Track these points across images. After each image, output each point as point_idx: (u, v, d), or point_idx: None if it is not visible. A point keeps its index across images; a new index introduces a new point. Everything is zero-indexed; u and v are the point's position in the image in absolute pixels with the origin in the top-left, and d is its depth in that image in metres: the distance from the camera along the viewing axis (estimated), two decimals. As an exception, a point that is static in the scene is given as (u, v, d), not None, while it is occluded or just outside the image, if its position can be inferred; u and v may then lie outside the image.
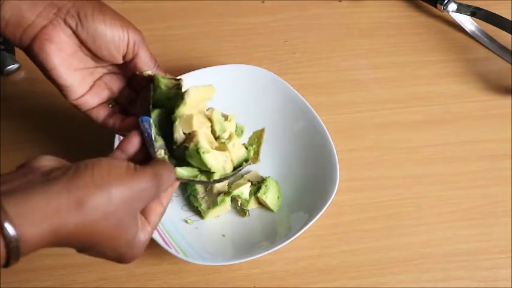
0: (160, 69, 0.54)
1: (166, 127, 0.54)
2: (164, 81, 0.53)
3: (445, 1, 0.80)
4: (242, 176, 0.66)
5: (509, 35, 0.76)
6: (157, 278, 0.61)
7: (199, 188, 0.65)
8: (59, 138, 0.71)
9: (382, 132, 0.72)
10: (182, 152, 0.53)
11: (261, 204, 0.65)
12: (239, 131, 0.68)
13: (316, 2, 0.84)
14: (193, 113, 0.53)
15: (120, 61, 0.52)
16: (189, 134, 0.53)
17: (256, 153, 0.59)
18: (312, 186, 0.64)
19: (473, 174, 0.69)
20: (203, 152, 0.52)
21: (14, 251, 0.37)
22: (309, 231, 0.60)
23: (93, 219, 0.40)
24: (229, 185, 0.65)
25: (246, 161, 0.57)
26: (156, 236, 0.58)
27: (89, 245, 0.42)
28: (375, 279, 0.61)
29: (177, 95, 0.53)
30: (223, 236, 0.63)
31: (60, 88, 0.52)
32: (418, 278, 0.62)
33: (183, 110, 0.53)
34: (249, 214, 0.64)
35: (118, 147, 0.49)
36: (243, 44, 0.80)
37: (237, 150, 0.56)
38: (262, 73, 0.70)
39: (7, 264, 0.38)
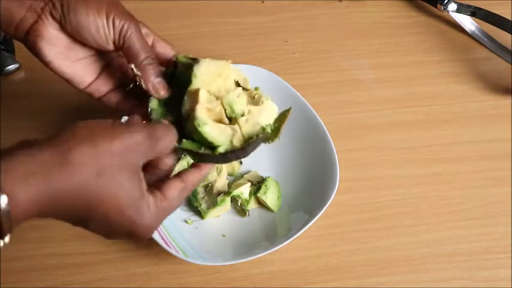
0: (153, 64, 0.50)
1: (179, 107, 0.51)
2: (182, 61, 0.51)
3: (445, 1, 0.80)
4: (242, 176, 0.66)
5: (509, 35, 0.76)
6: (157, 278, 0.61)
7: (199, 188, 0.65)
8: (59, 138, 0.71)
9: (382, 132, 0.72)
10: (188, 131, 0.50)
11: (261, 204, 0.65)
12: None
13: (316, 2, 0.84)
14: (202, 87, 0.50)
15: (112, 49, 0.50)
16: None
17: (277, 130, 0.52)
18: (312, 186, 0.64)
19: (473, 174, 0.69)
20: (198, 125, 0.48)
21: (4, 213, 0.34)
22: (309, 231, 0.60)
23: (82, 175, 0.37)
24: (229, 185, 0.65)
25: (258, 135, 0.51)
26: (156, 236, 0.58)
27: (85, 208, 0.38)
28: (375, 279, 0.61)
29: (190, 74, 0.50)
30: (223, 236, 0.63)
31: (65, 79, 0.51)
32: (418, 278, 0.61)
33: (195, 84, 0.50)
34: (249, 214, 0.64)
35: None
36: (243, 44, 0.80)
37: (250, 126, 0.51)
38: (262, 73, 0.70)
39: (1, 232, 0.35)
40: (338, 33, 0.82)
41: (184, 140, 0.49)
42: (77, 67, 0.51)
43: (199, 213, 0.64)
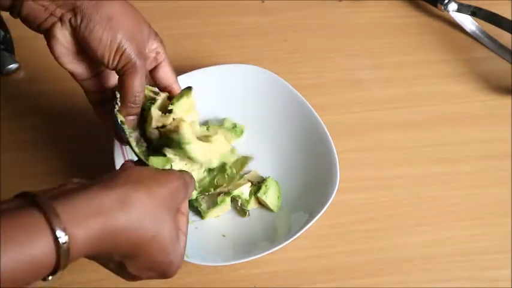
0: (137, 105, 0.53)
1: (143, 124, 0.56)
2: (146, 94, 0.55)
3: (446, 1, 0.80)
4: (242, 176, 0.66)
5: (510, 34, 0.76)
6: (157, 278, 0.61)
7: (200, 188, 0.65)
8: (60, 138, 0.71)
9: (382, 132, 0.72)
10: (157, 140, 0.55)
11: (261, 204, 0.65)
12: (239, 131, 0.68)
13: (316, 2, 0.84)
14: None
15: (111, 70, 0.53)
16: (175, 121, 0.55)
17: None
18: (312, 186, 0.64)
19: (473, 174, 0.69)
20: (183, 143, 0.54)
21: (63, 251, 0.36)
22: (309, 231, 0.60)
23: (138, 214, 0.40)
24: (229, 185, 0.65)
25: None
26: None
27: (136, 245, 0.41)
28: (374, 279, 0.61)
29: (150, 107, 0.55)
30: (223, 236, 0.63)
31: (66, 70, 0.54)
32: (418, 278, 0.61)
33: (181, 103, 0.55)
34: (249, 214, 0.64)
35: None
36: (242, 44, 0.80)
37: (220, 145, 0.59)
38: (262, 73, 0.70)
39: (56, 268, 0.37)
40: (338, 33, 0.82)
41: (151, 157, 0.54)
42: (80, 67, 0.54)
43: (199, 213, 0.64)
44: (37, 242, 0.35)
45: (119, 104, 0.53)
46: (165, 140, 0.55)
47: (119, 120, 0.53)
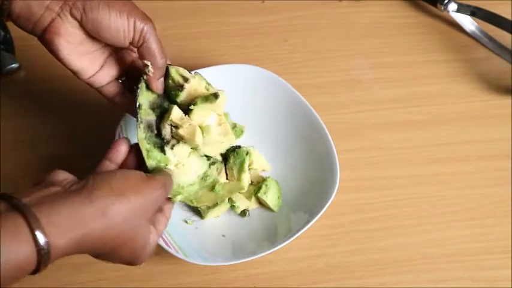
0: (165, 65, 0.55)
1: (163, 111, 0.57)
2: (173, 76, 0.56)
3: (445, 1, 0.80)
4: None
5: (509, 34, 0.76)
6: (156, 278, 0.61)
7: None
8: (59, 137, 0.71)
9: (382, 132, 0.72)
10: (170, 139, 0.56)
11: (262, 204, 0.65)
12: (239, 131, 0.68)
13: (316, 2, 0.84)
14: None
15: (126, 46, 0.53)
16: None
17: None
18: (312, 186, 0.64)
19: (473, 174, 0.69)
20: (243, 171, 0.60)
21: (44, 258, 0.39)
22: (309, 231, 0.60)
23: (116, 224, 0.43)
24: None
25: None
26: (156, 236, 0.58)
27: (111, 248, 0.45)
28: (375, 279, 0.61)
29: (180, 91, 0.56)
30: (223, 236, 0.63)
31: (72, 72, 0.54)
32: (418, 278, 0.62)
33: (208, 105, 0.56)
34: (249, 214, 0.64)
35: (105, 157, 0.52)
36: (242, 44, 0.80)
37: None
38: (262, 73, 0.70)
39: (36, 270, 0.40)
40: (338, 33, 0.82)
41: (154, 150, 0.55)
42: (86, 60, 0.54)
43: (199, 213, 0.64)
44: (19, 248, 0.38)
45: (149, 74, 0.53)
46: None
47: (137, 104, 0.54)
